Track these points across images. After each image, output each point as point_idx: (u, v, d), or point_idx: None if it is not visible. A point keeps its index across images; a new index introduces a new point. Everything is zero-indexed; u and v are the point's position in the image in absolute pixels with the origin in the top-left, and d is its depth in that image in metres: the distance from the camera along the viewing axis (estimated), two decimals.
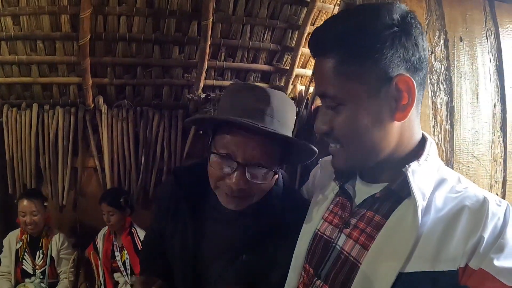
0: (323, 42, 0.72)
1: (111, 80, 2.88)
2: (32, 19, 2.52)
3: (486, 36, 1.47)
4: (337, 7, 2.60)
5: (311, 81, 2.98)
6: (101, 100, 2.90)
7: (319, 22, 2.91)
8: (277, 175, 1.01)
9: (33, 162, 2.88)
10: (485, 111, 1.44)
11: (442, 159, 1.42)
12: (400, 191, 0.71)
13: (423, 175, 0.70)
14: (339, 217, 0.83)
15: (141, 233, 2.75)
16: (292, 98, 3.04)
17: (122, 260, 2.71)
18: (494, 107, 1.47)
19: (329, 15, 2.87)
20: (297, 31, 2.94)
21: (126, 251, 2.69)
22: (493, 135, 1.48)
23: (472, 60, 1.44)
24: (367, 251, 0.71)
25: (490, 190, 1.45)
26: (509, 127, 1.47)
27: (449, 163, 1.40)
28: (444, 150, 1.39)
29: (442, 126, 1.39)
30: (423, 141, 0.77)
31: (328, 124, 0.74)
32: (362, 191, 0.81)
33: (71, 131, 2.91)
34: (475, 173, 1.43)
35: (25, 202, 2.57)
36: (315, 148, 0.96)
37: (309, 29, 2.88)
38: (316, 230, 0.87)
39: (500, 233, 0.62)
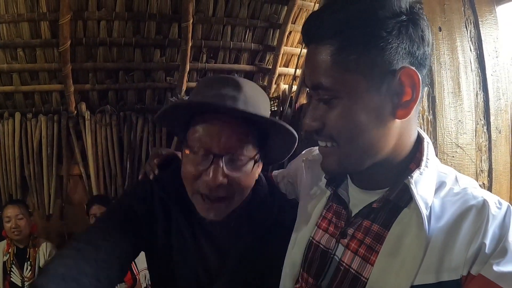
0: (320, 27, 0.63)
1: (93, 85, 2.88)
2: (12, 27, 2.51)
3: (466, 25, 1.48)
4: (317, 5, 2.63)
5: (294, 79, 3.00)
6: (84, 106, 2.89)
7: (300, 20, 2.94)
8: (258, 168, 0.91)
9: (17, 171, 2.84)
10: (467, 100, 1.45)
11: None
12: (400, 201, 0.66)
13: (425, 184, 0.65)
14: (334, 225, 0.77)
15: None
16: (276, 97, 3.06)
17: None
18: (477, 95, 1.47)
19: (310, 13, 2.89)
20: (278, 30, 2.96)
21: None
22: (477, 124, 1.48)
23: (452, 49, 1.45)
24: (371, 265, 0.67)
25: (477, 179, 1.44)
26: (492, 115, 1.48)
27: None
28: None
29: (425, 116, 1.39)
30: (419, 141, 0.70)
31: (320, 120, 0.66)
32: (357, 198, 0.75)
33: (55, 139, 2.89)
34: (460, 163, 1.43)
35: (9, 208, 2.53)
36: (295, 132, 0.87)
37: (290, 27, 2.90)
38: (311, 238, 0.81)
39: (501, 237, 0.59)
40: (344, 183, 0.79)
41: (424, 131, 1.43)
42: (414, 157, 0.68)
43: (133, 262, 2.62)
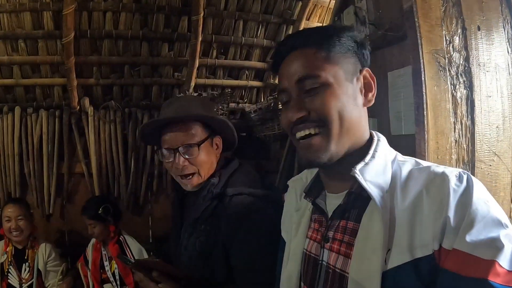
0: (304, 37, 0.80)
1: (97, 80, 2.74)
2: (13, 17, 2.38)
3: (503, 25, 1.39)
4: (333, 1, 2.52)
5: None
6: (87, 101, 2.75)
7: (314, 17, 2.83)
8: (211, 148, 1.35)
9: (17, 169, 2.71)
10: (505, 104, 1.36)
11: (463, 159, 1.33)
12: (360, 192, 0.73)
13: (373, 171, 0.73)
14: (320, 233, 0.84)
15: (130, 241, 2.61)
16: None
17: (112, 271, 2.56)
18: None
19: (325, 10, 2.79)
20: (291, 26, 2.85)
21: (114, 261, 2.55)
22: None
23: (490, 50, 1.36)
24: (350, 259, 0.72)
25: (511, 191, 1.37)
26: None
27: (470, 162, 1.31)
28: (465, 148, 1.30)
29: (463, 122, 1.30)
30: (370, 139, 0.81)
31: (305, 109, 0.76)
32: (332, 203, 0.83)
33: (56, 135, 2.75)
34: (496, 172, 1.34)
35: (10, 207, 2.42)
36: (220, 117, 1.40)
37: (304, 24, 2.79)
38: (304, 250, 0.88)
39: (465, 208, 0.62)
40: (322, 194, 0.87)
41: (462, 138, 1.35)
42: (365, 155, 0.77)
43: None
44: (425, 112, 1.25)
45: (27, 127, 2.71)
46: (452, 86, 1.28)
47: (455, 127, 1.28)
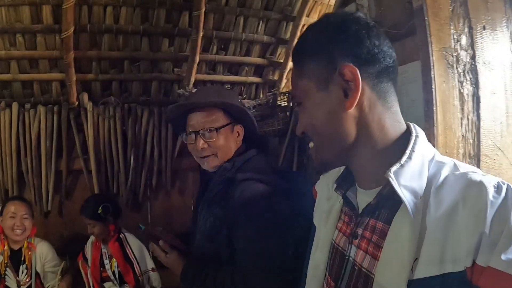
0: (292, 54, 0.81)
1: (96, 75, 2.72)
2: (11, 10, 2.33)
3: (507, 25, 1.42)
4: None
5: None
6: (86, 97, 2.72)
7: (314, 14, 2.84)
8: (231, 133, 1.45)
9: (14, 165, 2.67)
10: (509, 101, 1.39)
11: (469, 153, 1.37)
12: (393, 194, 0.68)
13: (409, 174, 0.68)
14: (349, 227, 0.83)
15: (130, 238, 2.61)
16: (286, 93, 2.96)
17: (112, 269, 2.56)
18: None
19: (325, 6, 2.80)
20: (291, 23, 2.85)
21: (115, 259, 2.54)
22: None
23: (495, 49, 1.39)
24: (377, 261, 0.70)
25: None
26: None
27: (476, 156, 1.34)
28: (471, 142, 1.33)
29: (469, 117, 1.33)
30: (407, 135, 0.74)
31: (300, 124, 0.79)
32: (363, 200, 0.80)
33: (55, 131, 2.72)
34: (500, 166, 1.38)
35: (16, 204, 2.39)
36: (239, 105, 1.48)
37: (304, 20, 2.80)
38: (333, 241, 0.87)
39: (503, 223, 0.57)
40: (353, 187, 0.85)
41: (469, 133, 1.38)
42: (400, 154, 0.71)
43: (135, 263, 2.53)
44: (434, 108, 1.28)
45: (24, 123, 2.68)
46: (459, 83, 1.31)
47: (462, 122, 1.31)
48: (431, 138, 1.29)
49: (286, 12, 2.80)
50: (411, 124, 0.77)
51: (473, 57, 1.34)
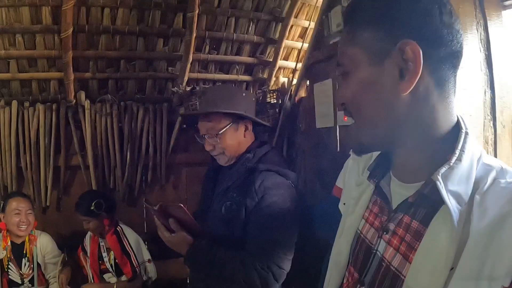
0: (344, 14, 0.73)
1: (94, 74, 2.80)
2: (11, 11, 2.40)
3: (477, 28, 1.59)
4: (320, 0, 2.69)
5: (293, 73, 3.06)
6: (83, 95, 2.81)
7: (302, 15, 2.99)
8: (235, 131, 1.61)
9: (13, 162, 2.74)
10: (477, 97, 1.57)
11: None
12: (434, 195, 0.62)
13: (457, 178, 0.62)
14: (379, 220, 0.77)
15: (127, 231, 2.70)
16: (276, 90, 3.11)
17: (110, 262, 2.64)
18: (485, 93, 1.60)
19: (312, 8, 2.94)
20: (280, 24, 2.99)
21: (112, 252, 2.62)
22: (485, 119, 1.60)
23: (465, 50, 1.56)
24: (409, 263, 0.65)
25: None
26: (497, 111, 1.61)
27: None
28: None
29: None
30: (456, 131, 0.67)
31: (341, 95, 0.72)
32: (397, 192, 0.74)
33: (53, 128, 2.79)
34: None
35: (19, 200, 2.46)
36: (233, 111, 1.59)
37: (292, 21, 2.94)
38: (358, 231, 0.82)
39: None
40: (387, 176, 0.78)
41: None
42: (448, 151, 0.65)
43: (133, 255, 2.61)
44: None
45: (23, 121, 2.74)
46: None
47: None
48: None
49: (275, 14, 2.93)
50: (459, 116, 0.69)
51: None
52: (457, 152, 0.63)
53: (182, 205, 1.43)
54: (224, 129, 1.59)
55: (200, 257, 1.47)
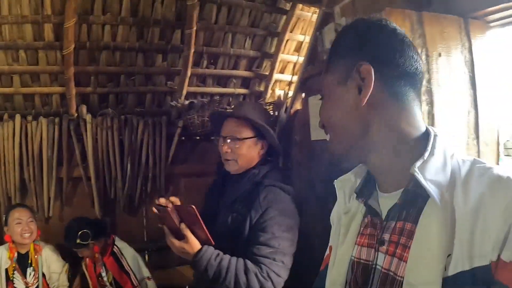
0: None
1: (95, 89, 2.89)
2: (15, 28, 2.48)
3: (461, 50, 1.66)
4: (315, 15, 2.76)
5: (289, 85, 3.13)
6: (84, 109, 2.89)
7: (297, 29, 3.07)
8: (255, 146, 1.72)
9: (17, 174, 2.80)
10: (461, 117, 1.64)
11: None
12: (418, 189, 0.68)
13: (433, 168, 0.68)
14: (373, 238, 0.80)
15: (124, 250, 2.69)
16: (272, 103, 3.18)
17: (109, 281, 2.66)
18: (469, 113, 1.67)
19: (307, 23, 3.03)
20: (276, 38, 3.08)
21: (111, 272, 2.64)
22: (468, 138, 1.67)
23: (450, 72, 1.62)
24: (404, 262, 0.68)
25: None
26: (481, 131, 1.68)
27: None
28: None
29: None
30: (426, 136, 0.75)
31: (320, 117, 0.84)
32: (385, 203, 0.79)
33: (55, 141, 2.86)
34: None
35: (19, 210, 2.52)
36: (263, 124, 1.70)
37: (288, 36, 3.03)
38: (352, 258, 0.83)
39: None
40: (374, 194, 0.83)
41: None
42: (422, 152, 0.72)
43: (132, 274, 2.64)
44: None
45: (27, 134, 2.81)
46: None
47: None
48: None
49: (271, 29, 3.02)
50: (428, 126, 0.78)
51: (428, 81, 1.58)
52: (429, 148, 0.71)
53: (194, 206, 1.40)
54: (248, 138, 1.69)
55: (205, 264, 1.48)
